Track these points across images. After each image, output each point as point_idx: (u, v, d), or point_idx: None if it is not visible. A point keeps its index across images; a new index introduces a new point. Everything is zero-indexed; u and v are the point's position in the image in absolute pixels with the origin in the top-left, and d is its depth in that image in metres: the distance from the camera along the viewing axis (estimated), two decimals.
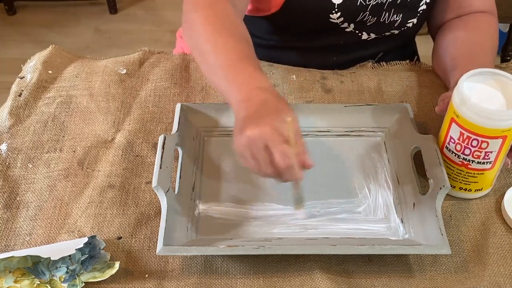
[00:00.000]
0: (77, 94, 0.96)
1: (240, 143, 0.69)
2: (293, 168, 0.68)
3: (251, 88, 0.74)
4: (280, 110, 0.70)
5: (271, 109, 0.70)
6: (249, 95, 0.73)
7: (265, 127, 0.67)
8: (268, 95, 0.73)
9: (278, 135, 0.67)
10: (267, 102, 0.71)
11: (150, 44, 2.31)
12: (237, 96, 0.74)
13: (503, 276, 0.73)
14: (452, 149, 0.77)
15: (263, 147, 0.67)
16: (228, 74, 0.77)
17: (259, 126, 0.68)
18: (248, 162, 0.70)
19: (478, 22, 0.99)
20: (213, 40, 0.81)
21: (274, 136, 0.67)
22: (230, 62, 0.78)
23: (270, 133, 0.67)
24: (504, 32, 1.61)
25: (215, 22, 0.83)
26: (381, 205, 0.79)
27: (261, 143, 0.67)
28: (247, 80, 0.75)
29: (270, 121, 0.68)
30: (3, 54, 2.35)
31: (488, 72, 0.76)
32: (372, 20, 0.98)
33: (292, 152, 0.67)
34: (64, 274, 0.71)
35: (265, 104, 0.71)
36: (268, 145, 0.67)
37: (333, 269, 0.73)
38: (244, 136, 0.68)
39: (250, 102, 0.72)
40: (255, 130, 0.67)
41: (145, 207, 0.80)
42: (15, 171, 0.84)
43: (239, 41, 0.81)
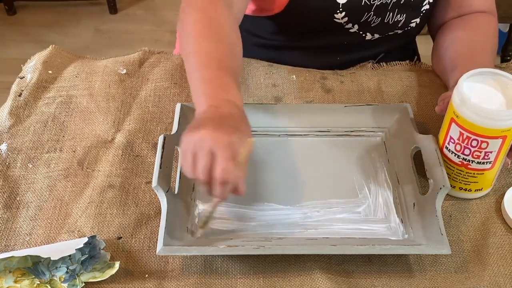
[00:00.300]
0: (77, 94, 0.96)
1: (189, 139, 0.68)
2: (227, 185, 0.67)
3: (222, 98, 0.73)
4: (242, 129, 0.70)
5: (234, 124, 0.70)
6: (219, 103, 0.72)
7: (221, 134, 0.66)
8: (236, 111, 0.72)
9: (231, 149, 0.66)
10: (233, 116, 0.71)
11: (150, 44, 2.31)
12: (207, 100, 0.73)
13: (503, 276, 0.73)
14: (452, 149, 0.77)
15: (209, 151, 0.66)
16: (203, 79, 0.76)
17: (217, 131, 0.67)
18: (185, 160, 0.68)
19: (478, 22, 0.99)
20: (197, 43, 0.80)
21: (226, 148, 0.66)
22: (207, 68, 0.77)
23: (224, 143, 0.66)
24: (504, 32, 1.61)
25: (204, 26, 0.82)
26: (381, 205, 0.79)
27: (209, 146, 0.66)
28: (220, 89, 0.74)
29: (229, 133, 0.67)
30: (3, 54, 2.35)
31: (488, 72, 0.76)
32: (377, 20, 0.98)
33: (235, 171, 0.66)
34: (64, 274, 0.71)
35: (230, 117, 0.71)
36: (215, 152, 0.66)
37: (333, 269, 0.73)
38: (198, 133, 0.67)
39: (218, 109, 0.71)
40: (212, 133, 0.66)
41: (145, 207, 0.80)
42: (15, 171, 0.84)
43: (222, 48, 0.80)
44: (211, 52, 0.79)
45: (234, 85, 0.76)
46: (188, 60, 0.81)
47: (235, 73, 0.79)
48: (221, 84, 0.75)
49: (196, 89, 0.77)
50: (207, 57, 0.79)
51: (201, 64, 0.78)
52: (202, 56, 0.79)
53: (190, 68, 0.80)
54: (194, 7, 0.85)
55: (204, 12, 0.83)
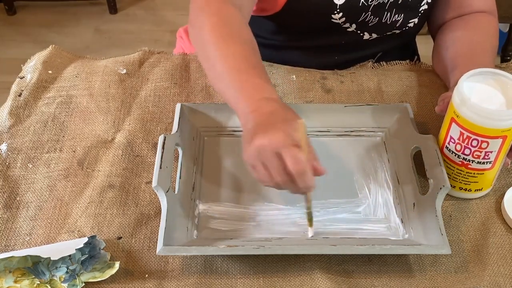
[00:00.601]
0: (77, 94, 0.96)
1: (250, 153, 0.68)
2: (306, 173, 0.67)
3: (258, 98, 0.73)
4: (289, 118, 0.70)
5: (280, 118, 0.70)
6: (256, 105, 0.72)
7: (275, 134, 0.67)
8: (275, 105, 0.72)
9: (289, 140, 0.66)
10: (275, 112, 0.71)
11: (150, 44, 2.31)
12: (244, 107, 0.73)
13: (503, 276, 0.73)
14: (452, 149, 0.77)
15: (274, 154, 0.66)
16: (235, 84, 0.76)
17: (269, 133, 0.67)
18: (259, 173, 0.69)
19: (478, 22, 0.99)
20: (220, 47, 0.80)
21: (285, 142, 0.66)
22: (237, 71, 0.77)
23: (280, 139, 0.66)
24: (504, 32, 1.61)
25: (222, 29, 0.82)
26: (381, 205, 0.79)
27: (271, 150, 0.66)
28: (255, 91, 0.75)
29: (280, 128, 0.67)
30: (3, 54, 2.35)
31: (488, 72, 0.76)
32: (374, 20, 0.98)
33: (304, 157, 0.66)
34: (64, 274, 0.71)
35: (273, 113, 0.71)
36: (279, 151, 0.66)
37: (333, 269, 0.73)
38: (254, 145, 0.67)
39: (258, 112, 0.71)
40: (265, 138, 0.67)
41: (145, 207, 0.80)
42: (15, 171, 0.84)
43: (246, 49, 0.80)
44: (235, 54, 0.79)
45: (265, 82, 0.76)
46: (214, 67, 0.80)
47: (262, 69, 0.79)
48: (254, 85, 0.75)
49: (230, 95, 0.77)
50: (234, 60, 0.78)
51: (229, 68, 0.78)
52: (230, 61, 0.79)
53: (218, 75, 0.79)
54: (207, 11, 0.84)
55: (218, 15, 0.83)
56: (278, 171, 0.67)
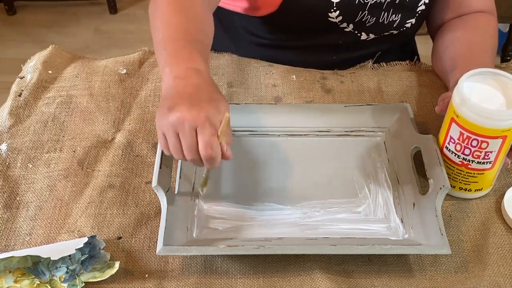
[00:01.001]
0: (77, 94, 0.96)
1: (167, 121, 0.68)
2: (215, 160, 0.68)
3: (188, 67, 0.73)
4: (215, 98, 0.70)
5: (206, 95, 0.70)
6: (184, 74, 0.72)
7: (200, 113, 0.67)
8: (204, 80, 0.72)
9: (210, 124, 0.67)
10: (202, 87, 0.71)
11: (150, 44, 2.29)
12: (171, 71, 0.73)
13: (503, 276, 0.73)
14: (452, 149, 0.77)
15: (191, 130, 0.67)
16: (169, 50, 0.76)
17: (193, 109, 0.67)
18: (169, 142, 0.69)
19: (477, 22, 0.99)
20: (167, 18, 0.81)
21: (206, 124, 0.67)
22: (175, 39, 0.78)
23: (202, 120, 0.67)
24: (504, 32, 1.61)
25: (174, 3, 0.82)
26: (381, 205, 0.79)
27: (190, 126, 0.67)
28: (187, 59, 0.74)
29: (205, 108, 0.68)
30: (3, 54, 2.35)
31: (488, 72, 0.76)
32: (371, 20, 0.98)
33: (218, 144, 0.67)
34: (64, 274, 0.71)
35: (200, 88, 0.71)
36: (197, 130, 0.67)
37: (333, 269, 0.73)
38: (174, 115, 0.67)
39: (184, 81, 0.71)
40: (188, 112, 0.67)
41: (145, 207, 0.80)
42: (15, 171, 0.84)
43: (191, 23, 0.81)
44: (178, 25, 0.80)
45: (198, 54, 0.75)
46: (155, 35, 0.81)
47: (202, 46, 0.79)
48: (186, 55, 0.75)
49: (161, 61, 0.77)
50: (174, 31, 0.79)
51: (168, 37, 0.78)
52: (170, 29, 0.79)
53: (157, 41, 0.80)
54: None
55: None
56: (189, 147, 0.67)
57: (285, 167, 0.84)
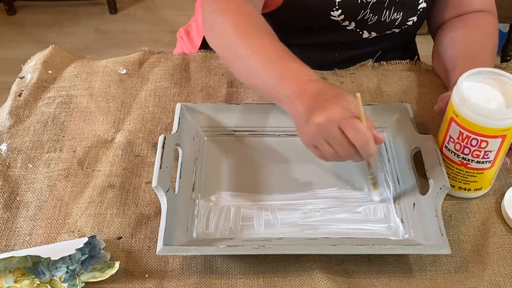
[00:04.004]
0: (77, 94, 0.96)
1: (309, 134, 0.69)
2: (369, 143, 0.68)
3: (301, 82, 0.74)
4: (339, 93, 0.71)
5: (330, 94, 0.71)
6: (301, 89, 0.73)
7: (332, 109, 0.68)
8: (320, 85, 0.73)
9: (349, 113, 0.68)
10: (323, 91, 0.72)
11: (150, 44, 2.31)
12: (289, 93, 0.74)
13: (503, 276, 0.73)
14: (452, 149, 0.77)
15: (335, 128, 0.67)
16: (274, 73, 0.77)
17: (326, 110, 0.68)
18: (322, 150, 0.70)
19: (478, 22, 0.99)
20: (249, 43, 0.80)
21: (344, 115, 0.67)
22: (272, 61, 0.78)
23: (339, 113, 0.67)
24: (504, 32, 1.61)
25: (246, 26, 0.82)
26: (381, 205, 0.79)
27: (332, 125, 0.67)
28: (295, 76, 0.75)
29: (335, 103, 0.68)
30: (3, 54, 2.35)
31: (487, 72, 0.76)
32: (373, 18, 0.98)
33: (365, 127, 0.68)
34: (64, 274, 0.71)
35: (322, 93, 0.71)
36: (340, 126, 0.67)
37: (333, 269, 0.73)
38: (313, 125, 0.68)
39: (305, 95, 0.72)
40: (323, 114, 0.68)
41: (145, 207, 0.80)
42: (15, 171, 0.84)
43: (274, 40, 0.81)
44: (266, 46, 0.80)
45: (303, 66, 0.77)
46: (247, 64, 0.80)
47: (294, 56, 0.79)
48: (293, 71, 0.76)
49: (271, 88, 0.77)
50: (267, 54, 0.79)
51: (264, 60, 0.78)
52: (262, 54, 0.79)
53: (253, 70, 0.79)
54: (227, 10, 0.84)
55: (239, 13, 0.84)
56: (341, 145, 0.68)
57: (285, 167, 0.84)
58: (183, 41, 1.19)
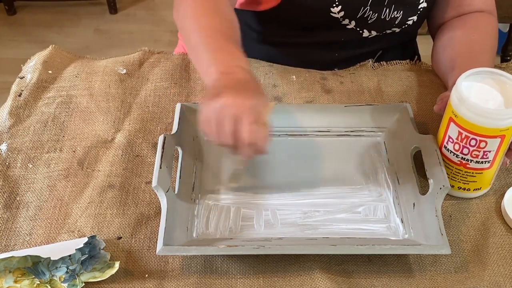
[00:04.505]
0: (77, 94, 0.96)
1: (212, 107, 0.69)
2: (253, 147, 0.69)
3: (233, 65, 0.75)
4: (259, 92, 0.72)
5: (251, 89, 0.72)
6: (230, 70, 0.74)
7: (245, 101, 0.68)
8: (249, 76, 0.74)
9: (254, 112, 0.68)
10: (248, 82, 0.73)
11: (150, 44, 2.31)
12: (219, 68, 0.74)
13: (503, 276, 0.73)
14: (451, 149, 0.77)
15: (234, 116, 0.68)
16: (211, 50, 0.78)
17: (238, 97, 0.69)
18: (209, 126, 0.70)
19: (477, 22, 0.99)
20: (199, 20, 0.82)
21: (250, 112, 0.68)
22: (213, 39, 0.79)
23: (247, 107, 0.68)
24: (504, 32, 1.61)
25: (202, 4, 0.84)
26: (381, 205, 0.79)
27: (233, 112, 0.68)
28: (230, 57, 0.76)
29: (250, 98, 0.69)
30: (3, 54, 2.35)
31: (486, 72, 0.76)
32: (373, 17, 0.98)
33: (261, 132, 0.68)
34: (64, 274, 0.71)
35: (246, 82, 0.72)
36: (240, 117, 0.68)
37: (333, 269, 0.73)
38: (220, 101, 0.68)
39: (232, 76, 0.73)
40: (234, 99, 0.68)
41: (145, 207, 0.80)
42: (15, 171, 0.84)
43: (223, 23, 0.82)
44: (213, 26, 0.81)
45: (240, 52, 0.77)
46: (191, 38, 0.82)
47: (238, 44, 0.80)
48: (229, 51, 0.77)
49: (204, 60, 0.78)
50: (210, 31, 0.81)
51: (206, 37, 0.80)
52: (205, 30, 0.81)
53: (194, 43, 0.81)
54: None
55: None
56: (229, 134, 0.68)
57: (285, 167, 0.84)
58: None
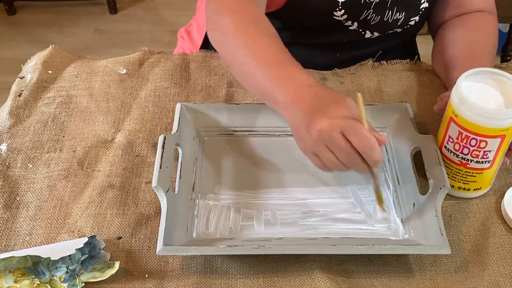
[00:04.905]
0: (77, 94, 0.96)
1: (311, 141, 0.68)
2: (374, 147, 0.66)
3: (298, 87, 0.73)
4: (338, 97, 0.70)
5: (329, 99, 0.69)
6: (298, 94, 0.72)
7: (334, 115, 0.66)
8: (317, 89, 0.72)
9: (351, 119, 0.66)
10: (321, 96, 0.70)
11: (150, 44, 2.31)
12: (285, 98, 0.73)
13: (503, 276, 0.73)
14: (451, 149, 0.77)
15: (338, 134, 0.66)
16: (271, 76, 0.76)
17: (327, 115, 0.66)
18: (324, 158, 0.68)
19: (478, 22, 0.99)
20: (249, 44, 0.80)
21: (347, 121, 0.65)
22: (270, 64, 0.77)
23: (342, 119, 0.66)
24: (504, 32, 1.61)
25: (247, 26, 0.82)
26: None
27: (335, 131, 0.66)
28: (292, 79, 0.74)
29: (336, 108, 0.67)
30: (3, 54, 2.35)
31: (486, 72, 0.76)
32: (376, 19, 0.99)
33: (368, 132, 0.66)
34: (64, 274, 0.71)
35: (320, 97, 0.70)
36: (342, 131, 0.65)
37: (333, 269, 0.73)
38: (314, 131, 0.66)
39: (303, 100, 0.71)
40: (324, 121, 0.66)
41: (145, 207, 0.80)
42: (15, 171, 0.84)
43: (274, 41, 0.80)
44: (266, 49, 0.79)
45: (300, 68, 0.75)
46: (246, 65, 0.80)
47: (293, 58, 0.78)
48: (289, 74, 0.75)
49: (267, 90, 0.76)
50: (267, 56, 0.78)
51: (261, 63, 0.78)
52: (261, 56, 0.78)
53: (251, 72, 0.79)
54: (226, 12, 0.84)
55: (239, 13, 0.83)
56: (344, 151, 0.66)
57: (285, 167, 0.84)
58: (184, 41, 1.19)
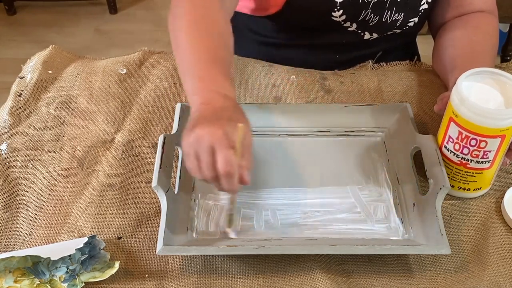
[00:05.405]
0: (77, 94, 0.96)
1: (188, 141, 0.69)
2: (233, 177, 0.67)
3: (213, 93, 0.74)
4: (235, 118, 0.70)
5: (226, 116, 0.70)
6: (209, 99, 0.73)
7: (215, 129, 0.67)
8: (227, 103, 0.73)
9: (226, 139, 0.66)
10: (224, 109, 0.71)
11: (150, 44, 2.30)
12: (198, 98, 0.74)
13: (503, 276, 0.73)
14: (451, 149, 0.77)
15: (208, 148, 0.66)
16: (195, 74, 0.77)
17: (210, 126, 0.67)
18: (190, 162, 0.69)
19: (478, 22, 0.99)
20: (190, 36, 0.81)
21: (222, 139, 0.66)
22: (199, 62, 0.78)
23: (218, 135, 0.66)
24: (504, 32, 1.60)
25: (196, 18, 0.83)
26: (381, 205, 0.79)
27: (207, 143, 0.67)
28: (212, 84, 0.75)
29: (222, 124, 0.68)
30: (3, 54, 2.35)
31: (486, 72, 0.76)
32: (375, 19, 0.98)
33: (235, 161, 0.66)
34: (64, 274, 0.71)
35: (222, 110, 0.71)
36: (213, 147, 0.66)
37: (333, 269, 0.73)
38: (193, 134, 0.68)
39: (209, 105, 0.72)
40: (205, 129, 0.67)
41: (145, 207, 0.80)
42: (15, 171, 0.84)
43: (215, 42, 0.81)
44: (203, 46, 0.80)
45: (224, 77, 0.76)
46: (180, 55, 0.81)
47: (226, 64, 0.79)
48: (214, 79, 0.76)
49: (189, 88, 0.77)
50: (199, 53, 0.79)
51: (193, 59, 0.79)
52: (195, 51, 0.79)
53: (182, 64, 0.80)
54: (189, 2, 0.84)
55: (193, 4, 0.84)
56: (207, 166, 0.67)
57: (285, 167, 0.84)
58: None
